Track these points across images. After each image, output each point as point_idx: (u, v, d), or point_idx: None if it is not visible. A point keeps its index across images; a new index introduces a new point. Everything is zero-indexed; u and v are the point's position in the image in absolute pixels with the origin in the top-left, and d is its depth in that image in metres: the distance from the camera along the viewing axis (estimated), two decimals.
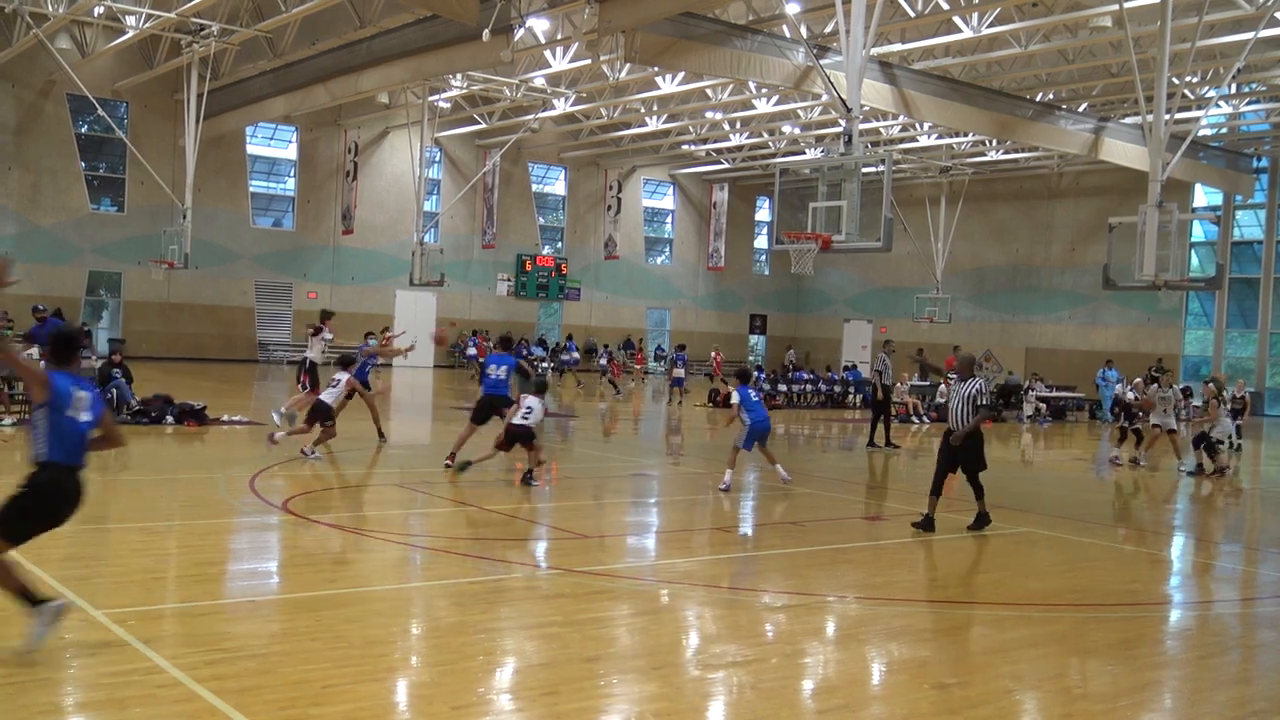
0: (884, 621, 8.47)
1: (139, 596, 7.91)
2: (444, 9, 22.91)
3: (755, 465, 16.86)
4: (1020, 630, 8.36)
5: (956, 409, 11.99)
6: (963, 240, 45.44)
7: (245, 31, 29.66)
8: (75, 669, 6.35)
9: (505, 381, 14.97)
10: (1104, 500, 17.09)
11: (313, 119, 40.06)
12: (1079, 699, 6.82)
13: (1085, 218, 43.55)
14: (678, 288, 51.98)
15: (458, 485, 13.78)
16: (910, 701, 6.55)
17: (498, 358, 15.30)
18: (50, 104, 36.07)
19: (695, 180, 51.45)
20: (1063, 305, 44.70)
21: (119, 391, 19.16)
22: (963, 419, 11.88)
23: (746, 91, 34.16)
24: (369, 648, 6.97)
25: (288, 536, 10.61)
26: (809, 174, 18.45)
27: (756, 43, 25.69)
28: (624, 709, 6.26)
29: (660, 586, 9.35)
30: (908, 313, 45.59)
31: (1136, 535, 13.63)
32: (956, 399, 12.04)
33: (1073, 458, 24.11)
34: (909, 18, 25.36)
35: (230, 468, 14.46)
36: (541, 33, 27.25)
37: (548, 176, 48.38)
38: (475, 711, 5.97)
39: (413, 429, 22.97)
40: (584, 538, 11.14)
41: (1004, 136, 33.89)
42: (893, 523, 12.89)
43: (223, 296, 39.54)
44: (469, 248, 44.85)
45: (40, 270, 35.64)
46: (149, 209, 37.27)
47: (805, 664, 7.32)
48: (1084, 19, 25.16)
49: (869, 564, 10.61)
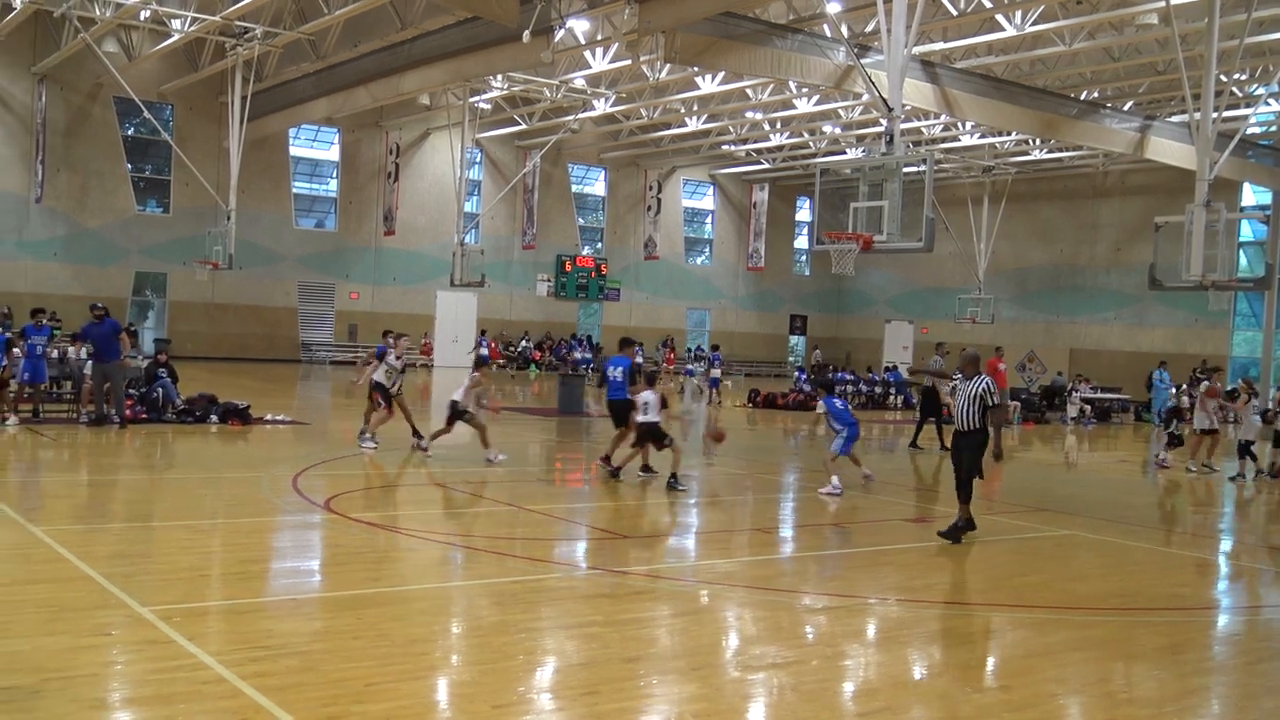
0: (926, 624, 8.41)
1: (184, 593, 7.99)
2: (484, 10, 22.99)
3: (794, 465, 16.78)
4: (1064, 634, 8.27)
5: (963, 408, 11.56)
6: (1006, 240, 45.04)
7: (288, 34, 29.92)
8: (122, 665, 6.42)
9: (623, 384, 15.15)
10: (1149, 503, 16.88)
11: (355, 121, 40.36)
12: (1124, 704, 6.74)
13: (1131, 217, 43.04)
14: (718, 288, 51.89)
15: (501, 485, 13.80)
16: (952, 705, 6.49)
17: (616, 360, 15.56)
18: (98, 107, 36.57)
19: (735, 180, 51.34)
20: (1108, 306, 44.20)
21: (164, 391, 19.37)
22: (969, 419, 11.51)
23: (787, 91, 34.06)
24: (410, 646, 7.00)
25: (330, 535, 10.69)
26: (850, 174, 18.36)
27: (797, 42, 25.59)
28: (664, 709, 6.25)
29: (700, 587, 9.33)
30: (950, 313, 45.25)
31: (1182, 538, 13.45)
32: (963, 398, 11.59)
33: (1117, 460, 23.84)
34: (951, 16, 25.18)
35: (273, 466, 14.59)
36: (581, 33, 27.29)
37: (587, 177, 48.45)
38: (516, 710, 5.98)
39: (454, 428, 23.02)
40: (624, 538, 11.15)
41: (1048, 135, 33.56)
42: (936, 525, 12.79)
43: (266, 297, 39.92)
44: (509, 248, 45.01)
45: (88, 271, 36.17)
46: (194, 210, 37.70)
47: (846, 666, 7.27)
48: (1129, 16, 24.86)
49: (911, 566, 10.53)
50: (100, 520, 10.95)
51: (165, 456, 16.00)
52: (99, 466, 14.85)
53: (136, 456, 15.56)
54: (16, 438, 16.56)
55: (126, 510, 11.86)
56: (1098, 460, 24.00)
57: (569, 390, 26.00)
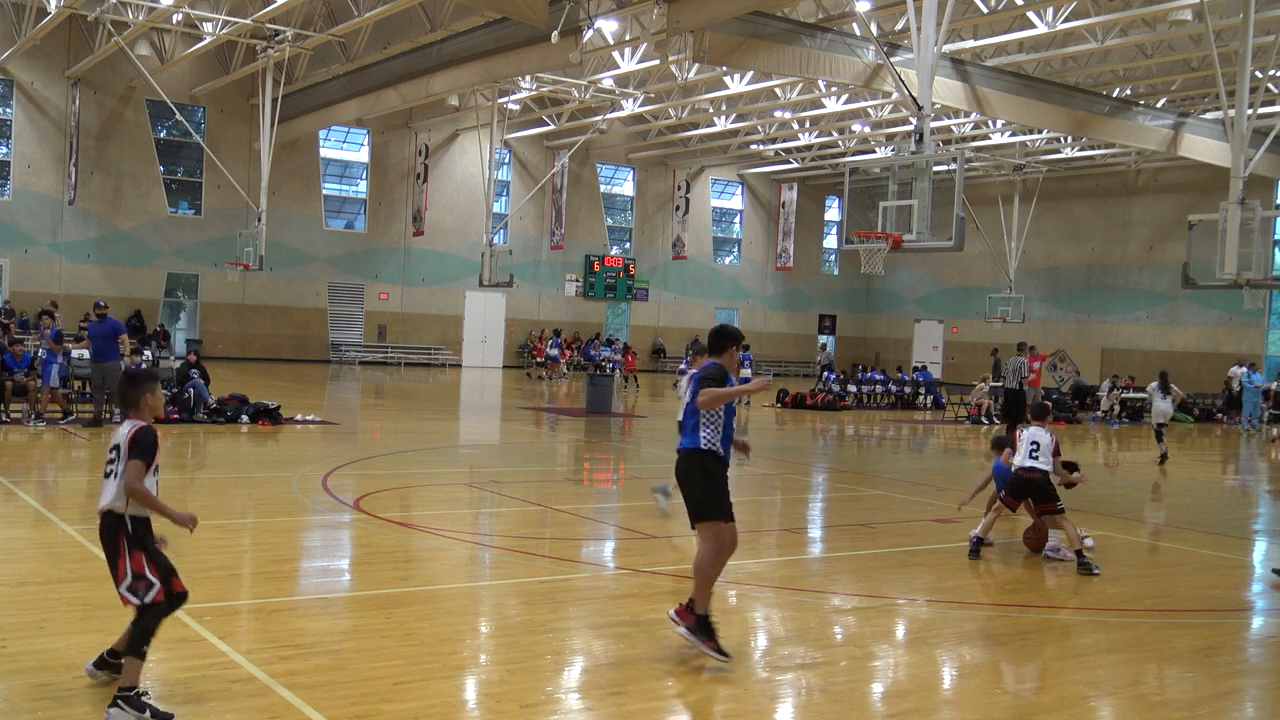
0: (956, 625, 8.35)
1: (215, 593, 8.04)
2: (513, 11, 23.06)
3: (823, 465, 16.69)
4: (1096, 635, 8.20)
5: None
6: (1036, 239, 44.74)
7: (319, 36, 30.11)
8: (154, 663, 6.47)
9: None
10: (1182, 504, 16.71)
11: (384, 122, 40.57)
12: (1156, 706, 6.67)
13: (1164, 215, 42.66)
14: (746, 288, 51.81)
15: (529, 485, 13.82)
16: (982, 707, 6.44)
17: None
18: (130, 110, 36.92)
19: (764, 180, 51.24)
20: (1140, 305, 43.83)
21: (196, 391, 19.51)
22: None
23: (816, 90, 33.97)
24: (439, 645, 7.02)
25: (359, 535, 10.73)
26: (879, 173, 18.29)
27: (826, 41, 25.52)
28: (691, 710, 6.24)
29: (728, 587, 9.31)
30: (980, 313, 45.01)
31: (1216, 540, 13.31)
32: None
33: (1150, 460, 23.62)
34: (981, 14, 25.05)
35: (303, 466, 14.67)
36: (610, 34, 27.32)
37: (616, 177, 48.48)
38: (544, 710, 5.98)
39: (482, 428, 23.15)
40: (651, 538, 11.14)
41: (1079, 133, 33.31)
42: (965, 525, 12.71)
43: (296, 298, 40.17)
44: (538, 249, 45.11)
45: (120, 272, 36.52)
46: (225, 212, 38.01)
47: (875, 667, 7.24)
48: (1162, 12, 24.63)
49: (940, 567, 10.47)
50: None
51: (196, 456, 16.12)
52: None
53: (168, 456, 15.68)
54: (47, 437, 16.73)
55: None
56: (1129, 460, 23.78)
57: (597, 390, 26.03)
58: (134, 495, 5.77)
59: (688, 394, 7.53)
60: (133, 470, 5.74)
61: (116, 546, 5.82)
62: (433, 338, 43.02)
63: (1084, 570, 10.04)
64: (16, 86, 35.23)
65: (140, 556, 5.81)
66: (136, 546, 5.82)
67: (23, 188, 35.46)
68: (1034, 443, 10.51)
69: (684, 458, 7.17)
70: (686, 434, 7.22)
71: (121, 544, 5.81)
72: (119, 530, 5.83)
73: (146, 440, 5.83)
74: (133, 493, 5.76)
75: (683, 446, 7.22)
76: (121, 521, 5.81)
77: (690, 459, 7.12)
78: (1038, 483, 10.33)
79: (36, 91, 35.48)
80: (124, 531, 5.82)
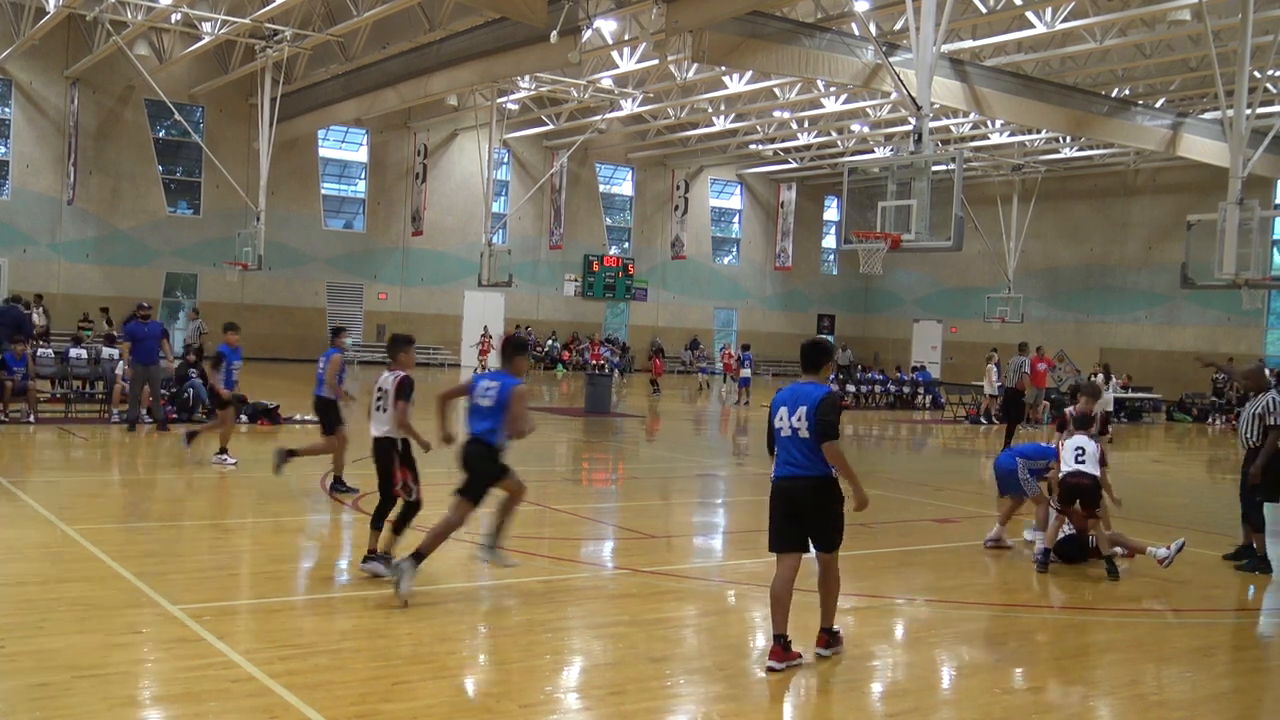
0: (955, 625, 8.36)
1: (214, 592, 8.05)
2: (512, 11, 23.06)
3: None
4: (1095, 635, 8.20)
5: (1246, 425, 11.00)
6: (1035, 239, 44.73)
7: (317, 36, 30.10)
8: (152, 663, 6.47)
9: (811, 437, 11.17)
10: (1180, 504, 16.71)
11: (383, 122, 40.56)
12: (1155, 705, 6.68)
13: (1162, 215, 42.66)
14: (745, 288, 51.81)
15: (528, 485, 13.79)
16: (981, 706, 6.45)
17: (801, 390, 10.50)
18: (129, 109, 36.89)
19: (763, 180, 51.24)
20: (1139, 305, 43.84)
21: (195, 391, 19.48)
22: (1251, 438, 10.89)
23: (815, 90, 33.96)
24: (438, 645, 7.02)
25: (358, 534, 10.72)
26: (878, 173, 18.30)
27: (825, 41, 25.51)
28: (690, 709, 6.24)
29: (727, 587, 9.31)
30: (978, 313, 45.00)
31: (1215, 540, 13.30)
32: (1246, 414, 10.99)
33: (1150, 460, 23.64)
34: (980, 14, 25.04)
35: (302, 467, 14.64)
36: (609, 33, 27.31)
37: (615, 177, 48.48)
38: (543, 710, 5.99)
39: None
40: (650, 538, 11.14)
41: (1078, 133, 33.32)
42: (964, 525, 12.72)
43: (295, 298, 40.16)
44: (537, 248, 45.10)
45: (119, 272, 36.50)
46: (224, 212, 37.99)
47: (874, 667, 7.24)
48: (1161, 12, 24.62)
49: (940, 567, 10.47)
50: (132, 519, 11.04)
51: (195, 456, 16.10)
52: (130, 466, 14.98)
53: (167, 456, 15.67)
54: (47, 437, 16.71)
55: (157, 510, 11.96)
56: (1130, 460, 23.79)
57: (596, 390, 26.03)
58: (402, 428, 8.37)
59: (797, 420, 6.94)
60: (400, 409, 8.32)
61: (389, 462, 8.42)
62: (432, 337, 42.98)
63: (1112, 576, 10.00)
64: (15, 86, 35.19)
65: (406, 470, 8.44)
66: (404, 463, 8.42)
67: (21, 187, 35.44)
68: (1079, 448, 10.46)
69: (815, 485, 6.95)
70: (814, 461, 6.90)
71: (394, 460, 8.38)
72: (391, 451, 8.40)
73: (407, 386, 8.40)
74: (401, 425, 8.36)
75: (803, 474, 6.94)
76: (394, 444, 8.38)
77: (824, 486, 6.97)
78: (1088, 488, 10.25)
79: (35, 91, 35.45)
80: (395, 452, 8.38)
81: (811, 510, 7.00)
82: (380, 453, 8.43)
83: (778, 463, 7.07)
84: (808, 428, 6.85)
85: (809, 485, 6.92)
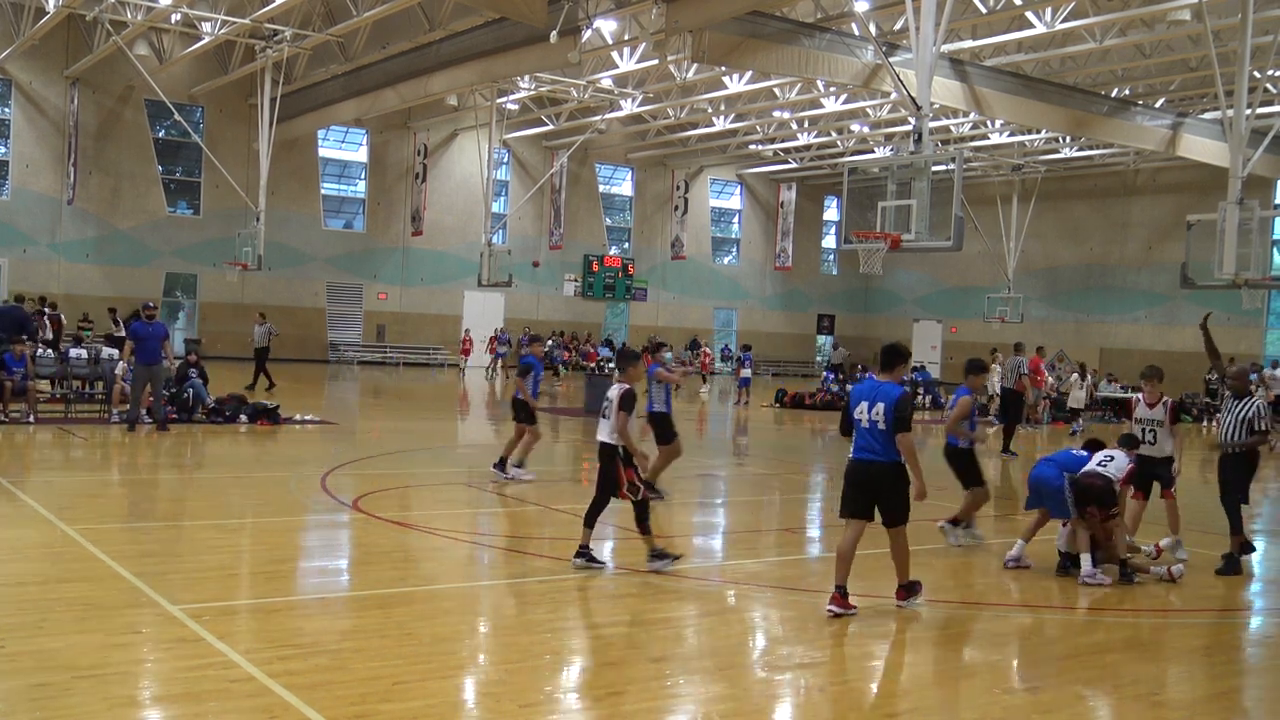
0: (955, 625, 8.36)
1: (214, 592, 8.04)
2: (512, 11, 23.06)
3: (821, 465, 16.66)
4: (1095, 635, 8.20)
5: (1230, 429, 11.07)
6: (1035, 239, 44.73)
7: (317, 36, 30.10)
8: (152, 662, 6.47)
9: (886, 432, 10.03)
10: (1179, 504, 16.67)
11: (383, 122, 40.56)
12: (1155, 706, 6.67)
13: (1162, 215, 42.66)
14: (745, 288, 51.81)
15: (528, 485, 13.81)
16: (981, 706, 6.45)
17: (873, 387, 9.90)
18: (129, 109, 36.90)
19: (763, 180, 51.24)
20: (1139, 305, 43.84)
21: (195, 391, 19.46)
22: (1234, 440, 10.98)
23: (815, 90, 33.96)
24: (438, 645, 7.02)
25: (358, 534, 10.73)
26: (878, 173, 18.31)
27: (825, 41, 25.52)
28: (690, 710, 6.24)
29: (727, 587, 9.31)
30: (978, 313, 45.00)
31: (1214, 540, 13.29)
32: (1230, 418, 11.03)
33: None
34: (980, 14, 25.04)
35: (302, 466, 14.66)
36: (609, 34, 27.31)
37: (615, 177, 48.48)
38: (542, 710, 5.98)
39: (481, 428, 23.14)
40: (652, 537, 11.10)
41: (1078, 133, 33.33)
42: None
43: (295, 298, 40.15)
44: (536, 248, 45.09)
45: (119, 272, 36.50)
46: (224, 212, 37.99)
47: (874, 667, 7.24)
48: (1161, 12, 24.63)
49: (940, 567, 10.46)
50: (131, 519, 11.04)
51: (195, 456, 16.11)
52: (130, 466, 14.97)
53: (167, 456, 15.67)
54: (47, 437, 16.72)
55: (157, 509, 11.96)
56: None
57: (597, 390, 26.00)
58: (622, 436, 9.12)
59: (875, 414, 8.15)
60: (621, 419, 9.13)
61: (613, 465, 9.13)
62: (432, 337, 43.01)
63: (1125, 580, 9.88)
64: (15, 86, 35.20)
65: (630, 472, 9.11)
66: (627, 464, 9.11)
67: (21, 187, 35.44)
68: (1109, 456, 10.37)
69: (888, 469, 8.17)
70: (888, 449, 8.13)
71: (617, 464, 9.11)
72: (614, 455, 9.13)
73: (629, 398, 9.24)
74: (621, 433, 9.12)
75: (878, 460, 8.16)
76: (616, 450, 9.12)
77: (894, 470, 8.19)
78: (1100, 489, 10.00)
79: (35, 91, 35.45)
80: (618, 456, 9.11)
81: (883, 490, 8.25)
82: (603, 457, 9.21)
83: (855, 446, 8.35)
84: (885, 421, 8.10)
85: (883, 469, 8.19)
